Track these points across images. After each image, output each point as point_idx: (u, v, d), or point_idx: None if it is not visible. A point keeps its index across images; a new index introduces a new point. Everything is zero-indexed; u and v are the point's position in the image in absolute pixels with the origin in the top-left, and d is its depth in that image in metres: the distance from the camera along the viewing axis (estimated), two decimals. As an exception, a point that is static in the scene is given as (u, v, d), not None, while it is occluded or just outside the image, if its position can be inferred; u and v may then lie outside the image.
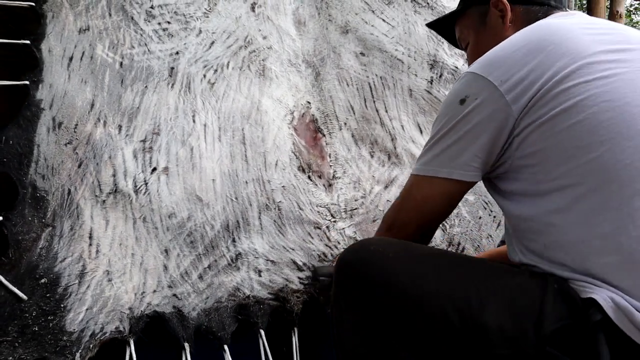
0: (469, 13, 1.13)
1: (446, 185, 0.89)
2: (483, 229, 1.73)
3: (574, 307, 0.74)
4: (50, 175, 1.23)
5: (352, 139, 1.66)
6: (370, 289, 0.82)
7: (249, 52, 1.60)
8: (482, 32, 1.10)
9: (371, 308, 0.82)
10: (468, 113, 0.85)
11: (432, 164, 0.90)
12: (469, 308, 0.76)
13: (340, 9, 1.81)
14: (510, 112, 0.82)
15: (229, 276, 1.33)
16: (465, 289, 0.78)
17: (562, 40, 0.83)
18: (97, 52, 1.39)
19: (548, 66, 0.81)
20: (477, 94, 0.85)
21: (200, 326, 1.24)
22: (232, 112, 1.50)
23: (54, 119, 1.28)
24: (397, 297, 0.80)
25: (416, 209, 0.94)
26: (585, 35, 0.84)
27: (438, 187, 0.90)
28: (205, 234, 1.34)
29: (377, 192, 1.62)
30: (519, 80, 0.81)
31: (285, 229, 1.44)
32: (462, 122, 0.86)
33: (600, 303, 0.71)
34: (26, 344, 1.08)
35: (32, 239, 1.17)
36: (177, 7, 1.55)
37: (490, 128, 0.84)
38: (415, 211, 0.94)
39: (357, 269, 0.84)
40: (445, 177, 0.88)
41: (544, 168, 0.80)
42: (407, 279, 0.80)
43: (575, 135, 0.77)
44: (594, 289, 0.74)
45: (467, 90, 0.87)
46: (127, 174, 1.30)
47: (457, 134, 0.87)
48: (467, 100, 0.86)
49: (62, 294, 1.15)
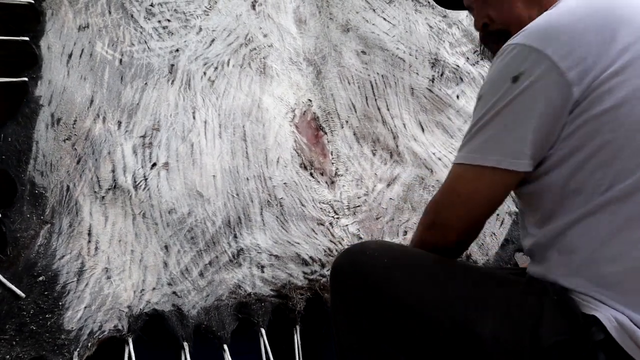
0: None
1: (495, 175, 0.76)
2: (486, 227, 1.71)
3: (574, 322, 0.71)
4: (49, 171, 1.22)
5: (354, 137, 1.65)
6: (364, 296, 0.80)
7: (249, 50, 1.59)
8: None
9: (366, 315, 0.80)
10: (522, 92, 0.73)
11: (479, 151, 0.77)
12: (464, 318, 0.74)
13: (341, 7, 1.80)
14: (570, 94, 0.71)
15: (230, 273, 1.31)
16: (461, 298, 0.75)
17: (632, 15, 0.73)
18: (96, 49, 1.39)
19: (616, 45, 0.71)
20: (532, 71, 0.73)
21: (199, 325, 1.22)
22: (233, 109, 1.49)
23: (53, 115, 1.27)
24: (392, 306, 0.78)
25: (460, 204, 0.80)
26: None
27: (486, 178, 0.77)
28: (206, 229, 1.32)
29: (379, 190, 1.60)
30: (582, 57, 0.70)
31: (288, 225, 1.42)
32: (515, 103, 0.74)
33: (604, 322, 0.68)
34: (24, 342, 1.06)
35: (30, 236, 1.15)
36: (177, 5, 1.54)
37: (547, 111, 0.72)
38: (460, 207, 0.80)
39: (352, 276, 0.82)
40: (494, 167, 0.75)
41: (595, 163, 0.71)
42: (403, 288, 0.78)
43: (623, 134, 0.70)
44: (597, 305, 0.71)
45: (520, 66, 0.74)
46: (126, 170, 1.29)
47: (509, 116, 0.74)
48: (521, 78, 0.73)
49: (60, 291, 1.13)
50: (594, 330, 0.69)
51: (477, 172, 0.78)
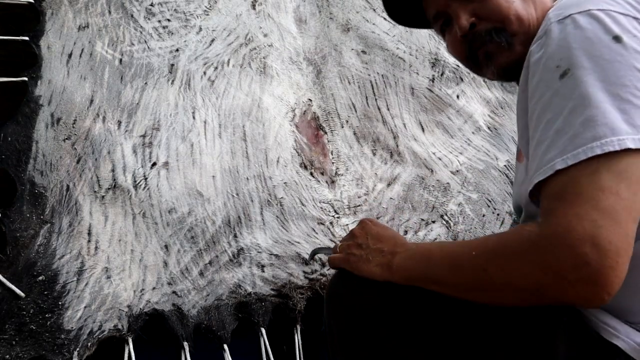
0: None
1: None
2: (487, 227, 1.71)
3: (591, 347, 0.64)
4: (48, 171, 1.21)
5: (354, 137, 1.65)
6: (364, 324, 0.77)
7: (249, 50, 1.59)
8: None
9: (365, 344, 0.77)
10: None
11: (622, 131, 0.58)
12: (473, 347, 0.69)
13: (341, 7, 1.80)
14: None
15: (230, 272, 1.30)
16: (467, 323, 0.71)
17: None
18: (96, 49, 1.39)
19: None
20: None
21: (200, 324, 1.22)
22: (233, 109, 1.49)
23: (53, 115, 1.27)
24: (392, 333, 0.75)
25: (626, 213, 0.56)
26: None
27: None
28: (206, 229, 1.32)
29: (380, 189, 1.60)
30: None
31: (289, 224, 1.42)
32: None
33: (630, 354, 0.62)
34: (23, 342, 1.05)
35: (30, 235, 1.15)
36: (177, 5, 1.54)
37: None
38: (626, 217, 0.56)
39: (348, 302, 0.79)
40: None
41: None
42: (403, 313, 0.74)
43: None
44: (617, 331, 0.64)
45: (614, 29, 0.63)
46: (126, 169, 1.29)
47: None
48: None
49: (60, 291, 1.13)
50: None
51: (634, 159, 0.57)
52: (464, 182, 1.71)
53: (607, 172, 0.56)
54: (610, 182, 0.56)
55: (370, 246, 0.83)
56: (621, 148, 0.56)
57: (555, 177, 0.59)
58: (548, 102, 0.63)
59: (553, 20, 0.67)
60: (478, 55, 0.85)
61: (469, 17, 0.83)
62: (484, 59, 0.85)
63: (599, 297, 0.56)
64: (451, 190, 1.68)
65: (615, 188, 0.56)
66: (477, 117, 1.83)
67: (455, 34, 0.86)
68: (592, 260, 0.54)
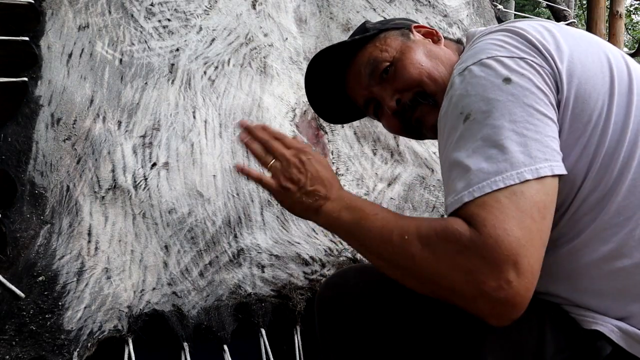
0: (386, 36, 0.96)
1: (554, 183, 0.66)
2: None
3: (574, 338, 0.69)
4: (48, 171, 1.21)
5: (355, 137, 1.65)
6: (354, 330, 0.78)
7: (249, 50, 1.58)
8: (418, 44, 0.93)
9: (358, 348, 0.78)
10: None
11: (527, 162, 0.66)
12: (463, 343, 0.71)
13: (341, 7, 1.80)
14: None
15: (230, 273, 1.30)
16: (458, 327, 0.72)
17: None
18: (96, 49, 1.39)
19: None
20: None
21: (199, 325, 1.22)
22: (233, 108, 1.48)
23: (53, 115, 1.27)
24: (383, 336, 0.76)
25: (538, 234, 0.62)
26: None
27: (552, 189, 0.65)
28: (207, 229, 1.32)
29: (380, 189, 1.60)
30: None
31: (289, 224, 1.42)
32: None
33: (608, 335, 0.67)
34: (23, 342, 1.05)
35: (30, 236, 1.15)
36: (178, 5, 1.54)
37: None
38: (538, 240, 0.62)
39: (338, 308, 0.80)
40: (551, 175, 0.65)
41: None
42: (394, 317, 0.75)
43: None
44: (595, 318, 0.69)
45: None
46: (126, 170, 1.29)
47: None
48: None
49: (60, 291, 1.13)
50: (600, 344, 0.67)
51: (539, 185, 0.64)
52: (464, 182, 1.71)
53: (521, 195, 0.62)
54: (526, 205, 0.61)
55: (306, 187, 0.82)
56: (520, 180, 0.62)
57: (463, 208, 0.64)
58: (455, 144, 0.69)
59: (455, 74, 0.75)
60: (412, 124, 0.93)
61: (392, 95, 0.91)
62: (417, 125, 0.93)
63: (507, 317, 0.61)
64: (452, 190, 1.68)
65: (530, 212, 0.61)
66: (478, 116, 1.83)
67: (387, 114, 0.94)
68: (513, 281, 0.59)
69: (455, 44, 0.98)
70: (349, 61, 0.98)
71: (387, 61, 0.92)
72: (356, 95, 1.00)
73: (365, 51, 0.95)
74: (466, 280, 0.61)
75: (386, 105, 0.92)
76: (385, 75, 0.92)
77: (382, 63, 0.92)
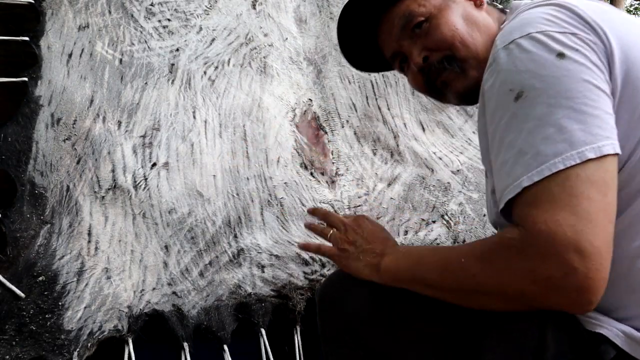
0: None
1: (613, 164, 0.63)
2: (487, 227, 1.71)
3: (577, 340, 0.67)
4: (48, 171, 1.21)
5: (355, 137, 1.65)
6: (356, 328, 0.78)
7: (250, 49, 1.59)
8: (459, 4, 0.89)
9: (360, 353, 0.78)
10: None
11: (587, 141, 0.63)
12: (464, 346, 0.71)
13: (341, 6, 1.80)
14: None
15: (230, 273, 1.30)
16: (458, 325, 0.72)
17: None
18: (96, 49, 1.39)
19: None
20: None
21: (199, 325, 1.22)
22: (233, 108, 1.48)
23: (53, 115, 1.27)
24: (385, 336, 0.76)
25: (604, 216, 0.60)
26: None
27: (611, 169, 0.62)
28: (207, 229, 1.32)
29: (380, 189, 1.60)
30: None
31: (289, 224, 1.42)
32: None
33: (612, 339, 0.65)
34: (23, 342, 1.05)
35: (30, 236, 1.15)
36: (178, 5, 1.54)
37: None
38: (604, 220, 0.60)
39: (339, 305, 0.81)
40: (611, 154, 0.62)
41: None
42: (396, 317, 0.76)
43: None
44: (600, 321, 0.67)
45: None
46: (126, 170, 1.29)
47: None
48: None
49: (60, 291, 1.13)
50: (604, 348, 0.65)
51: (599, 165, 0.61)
52: (464, 181, 1.71)
53: (575, 179, 0.59)
54: (580, 188, 0.59)
55: (363, 245, 0.85)
56: (582, 160, 0.60)
57: (524, 193, 0.62)
58: (507, 125, 0.66)
59: (499, 47, 0.71)
60: (437, 85, 0.91)
61: (420, 52, 0.89)
62: (442, 87, 0.90)
63: (587, 302, 0.59)
64: (452, 190, 1.68)
65: (587, 193, 0.59)
66: (478, 116, 1.83)
67: (412, 70, 0.91)
68: (578, 266, 0.57)
69: (498, 12, 0.93)
70: (386, 9, 0.93)
71: (423, 16, 0.88)
72: (385, 46, 0.96)
73: (403, 2, 0.91)
74: (532, 280, 0.60)
75: (412, 61, 0.90)
76: (418, 30, 0.88)
77: (416, 17, 0.88)
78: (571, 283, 0.58)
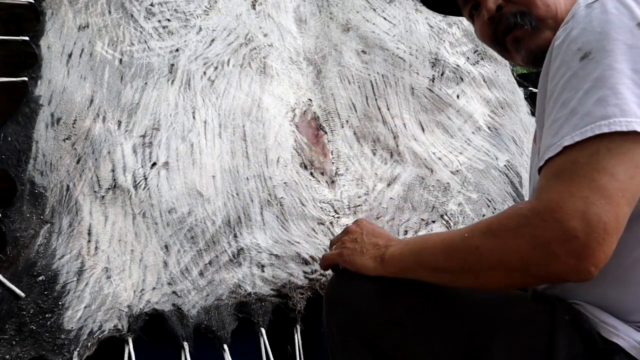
0: None
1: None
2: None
3: (591, 345, 0.65)
4: (48, 171, 1.22)
5: (354, 137, 1.65)
6: (363, 327, 0.77)
7: (249, 50, 1.59)
8: None
9: (364, 350, 0.77)
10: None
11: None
12: (472, 345, 0.69)
13: (341, 7, 1.80)
14: None
15: (230, 272, 1.30)
16: (466, 323, 0.71)
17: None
18: (96, 49, 1.39)
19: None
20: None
21: (199, 325, 1.22)
22: (233, 109, 1.49)
23: (53, 115, 1.27)
24: (392, 335, 0.75)
25: (619, 193, 0.57)
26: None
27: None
28: (206, 229, 1.32)
29: (380, 189, 1.60)
30: None
31: (289, 224, 1.42)
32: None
33: (629, 351, 0.63)
34: (23, 342, 1.05)
35: (30, 235, 1.15)
36: (177, 5, 1.54)
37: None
38: (618, 198, 0.57)
39: (348, 304, 0.80)
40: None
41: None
42: (403, 315, 0.74)
43: None
44: (617, 329, 0.65)
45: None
46: (126, 169, 1.29)
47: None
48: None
49: (60, 291, 1.13)
50: (618, 358, 0.64)
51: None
52: (464, 182, 1.71)
53: (607, 152, 0.57)
54: (608, 163, 0.57)
55: (365, 240, 0.84)
56: (628, 129, 0.57)
57: (562, 154, 0.60)
58: (566, 82, 0.64)
59: (582, 4, 0.68)
60: (507, 41, 0.87)
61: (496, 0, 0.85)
62: (513, 43, 0.87)
63: (585, 270, 0.57)
64: (451, 190, 1.68)
65: (612, 169, 0.57)
66: (477, 117, 1.83)
67: (482, 17, 0.88)
68: (580, 234, 0.55)
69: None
70: None
71: None
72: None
73: None
74: (532, 245, 0.58)
75: (485, 8, 0.87)
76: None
77: None
78: (571, 249, 0.56)
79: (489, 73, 1.94)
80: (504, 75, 1.97)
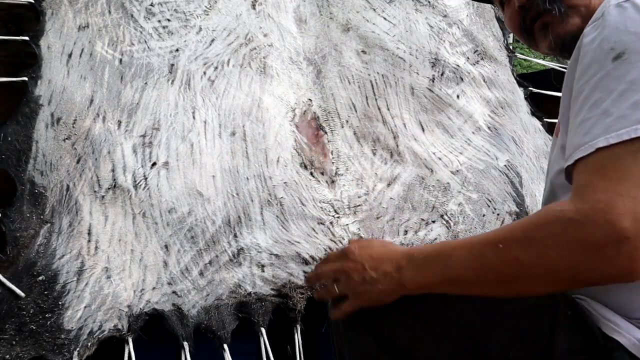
0: None
1: None
2: (487, 227, 1.71)
3: (592, 341, 0.65)
4: (48, 171, 1.22)
5: (354, 137, 1.65)
6: (367, 321, 0.76)
7: (249, 50, 1.59)
8: None
9: (370, 339, 0.76)
10: None
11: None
12: (473, 337, 0.69)
13: (341, 7, 1.80)
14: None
15: (230, 272, 1.31)
16: (468, 316, 0.70)
17: None
18: (96, 48, 1.39)
19: None
20: None
21: (199, 324, 1.22)
22: (233, 109, 1.49)
23: (53, 115, 1.27)
24: (396, 327, 0.74)
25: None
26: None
27: None
28: (206, 229, 1.32)
29: (380, 189, 1.60)
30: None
31: (289, 224, 1.42)
32: None
33: (629, 348, 0.63)
34: (23, 342, 1.05)
35: (30, 235, 1.15)
36: (177, 5, 1.54)
37: None
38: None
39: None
40: None
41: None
42: (407, 309, 0.73)
43: None
44: (619, 326, 0.64)
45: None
46: (126, 169, 1.29)
47: None
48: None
49: (60, 291, 1.13)
50: (618, 354, 0.63)
51: None
52: (464, 182, 1.71)
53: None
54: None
55: (373, 275, 0.75)
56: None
57: (595, 155, 0.59)
58: (598, 82, 0.63)
59: (612, 3, 0.67)
60: (535, 28, 0.86)
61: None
62: (542, 29, 0.86)
63: (638, 271, 0.55)
64: (451, 190, 1.68)
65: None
66: (477, 117, 1.83)
67: (513, 5, 0.87)
68: (631, 235, 0.53)
69: None
70: None
71: None
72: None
73: None
74: (584, 249, 0.56)
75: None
76: None
77: None
78: (623, 250, 0.54)
79: (489, 73, 1.94)
80: (504, 75, 1.98)
